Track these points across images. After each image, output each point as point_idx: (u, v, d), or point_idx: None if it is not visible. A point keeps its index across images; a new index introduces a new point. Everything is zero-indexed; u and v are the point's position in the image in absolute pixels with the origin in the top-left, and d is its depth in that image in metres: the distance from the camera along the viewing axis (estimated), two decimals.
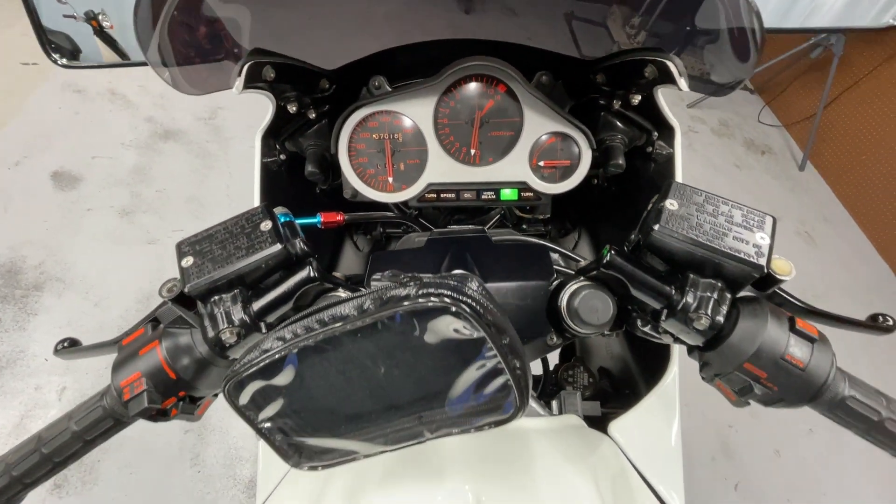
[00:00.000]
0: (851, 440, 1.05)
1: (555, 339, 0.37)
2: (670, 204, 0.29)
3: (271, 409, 0.24)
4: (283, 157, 0.47)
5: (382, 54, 0.42)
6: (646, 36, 0.44)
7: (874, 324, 0.31)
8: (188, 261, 0.29)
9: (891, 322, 0.32)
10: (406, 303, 0.21)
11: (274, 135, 0.45)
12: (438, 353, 0.22)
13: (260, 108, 0.49)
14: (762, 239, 0.28)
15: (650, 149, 0.45)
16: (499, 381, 0.23)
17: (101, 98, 1.47)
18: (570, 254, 0.43)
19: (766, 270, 0.27)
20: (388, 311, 0.21)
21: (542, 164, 0.43)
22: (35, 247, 1.13)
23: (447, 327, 0.21)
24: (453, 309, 0.21)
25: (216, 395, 0.32)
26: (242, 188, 1.41)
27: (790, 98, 2.54)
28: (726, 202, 0.29)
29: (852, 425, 0.28)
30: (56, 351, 0.35)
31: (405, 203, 0.48)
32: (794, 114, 2.51)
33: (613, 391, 0.50)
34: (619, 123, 0.45)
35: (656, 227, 0.28)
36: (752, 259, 0.27)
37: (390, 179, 0.44)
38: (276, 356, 0.23)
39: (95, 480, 0.90)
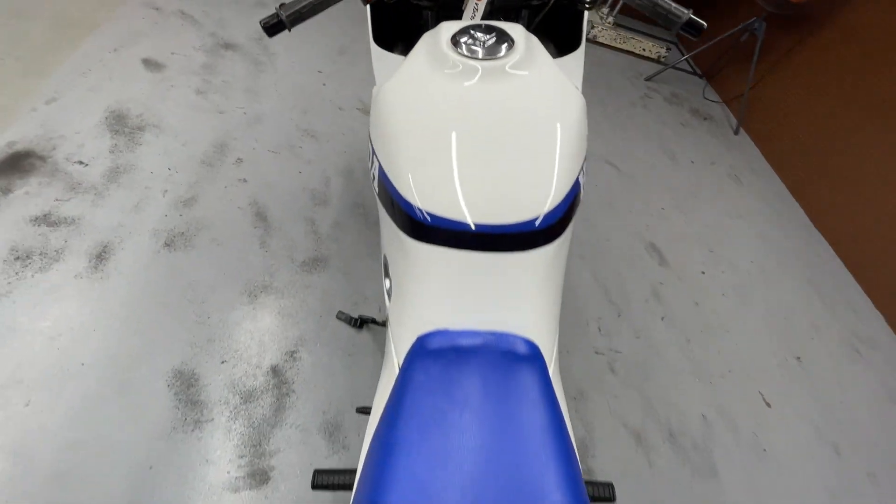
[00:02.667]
0: (753, 306, 1.58)
1: None
2: None
3: None
4: None
5: None
6: None
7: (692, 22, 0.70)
8: None
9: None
10: None
11: None
12: None
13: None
14: None
15: None
16: None
17: (173, 15, 1.84)
18: None
19: None
20: None
21: None
22: (135, 103, 1.48)
23: None
24: None
25: None
26: (287, 86, 1.79)
27: (727, 77, 3.06)
28: None
29: (641, 5, 0.67)
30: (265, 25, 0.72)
31: None
32: (730, 91, 3.03)
33: None
34: None
35: None
36: None
37: None
38: None
39: (193, 246, 1.24)
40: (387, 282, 0.60)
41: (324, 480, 0.56)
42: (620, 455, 1.26)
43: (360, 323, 1.22)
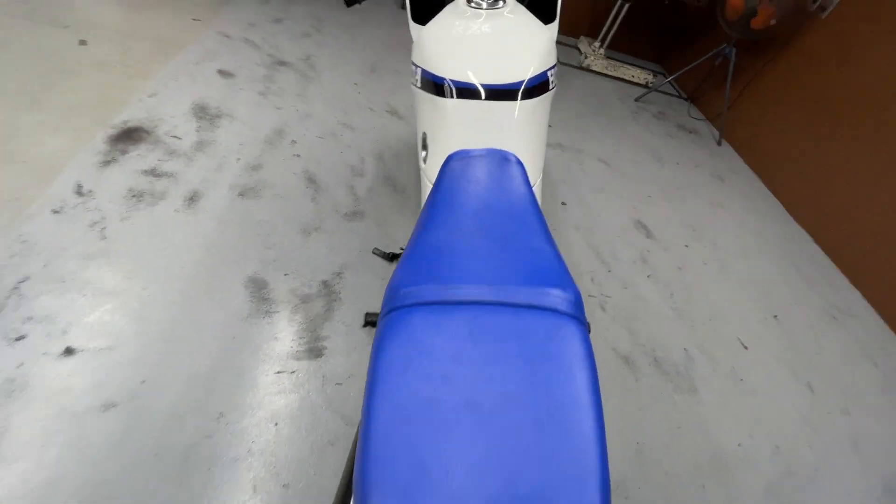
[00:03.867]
0: (733, 274, 1.95)
1: None
2: None
3: None
4: None
5: None
6: None
7: None
8: None
9: None
10: None
11: None
12: None
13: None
14: None
15: None
16: None
17: (240, 41, 2.28)
18: None
19: None
20: None
21: None
22: (213, 100, 1.87)
23: None
24: None
25: None
26: (329, 93, 2.18)
27: (708, 98, 3.43)
28: None
29: None
30: (348, 4, 1.07)
31: None
32: (712, 109, 3.39)
33: None
34: None
35: None
36: None
37: None
38: None
39: (261, 197, 1.56)
40: (423, 153, 0.90)
41: (372, 318, 0.83)
42: (611, 371, 1.48)
43: (392, 257, 1.51)
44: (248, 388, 1.10)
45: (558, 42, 3.91)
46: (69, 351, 1.04)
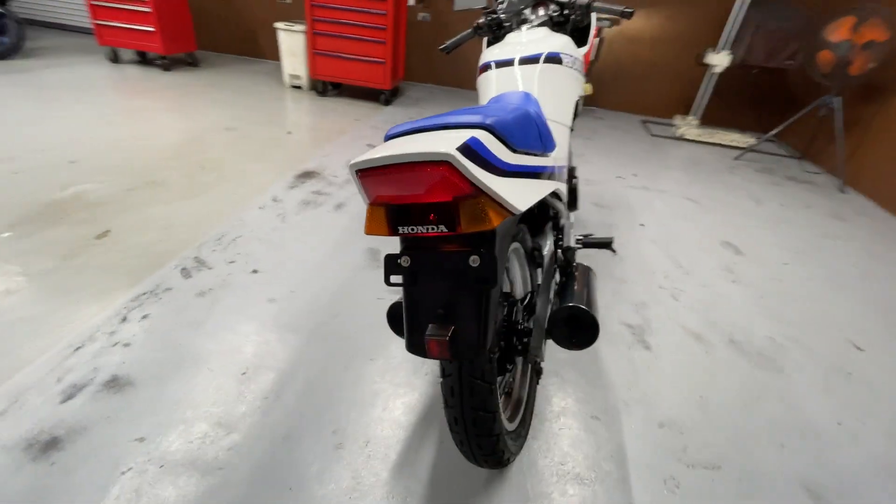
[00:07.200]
0: (846, 291, 2.10)
1: None
2: None
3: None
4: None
5: None
6: None
7: (623, 12, 1.46)
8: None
9: (631, 10, 1.47)
10: None
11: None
12: None
13: None
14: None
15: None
16: None
17: (384, 130, 3.18)
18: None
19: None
20: None
21: None
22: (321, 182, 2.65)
23: None
24: None
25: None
26: None
27: (824, 152, 3.32)
28: None
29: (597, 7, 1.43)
30: (442, 49, 1.67)
31: None
32: (831, 161, 3.25)
33: None
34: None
35: None
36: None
37: None
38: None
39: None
40: None
41: None
42: (675, 341, 1.51)
43: None
44: (357, 303, 1.51)
45: (655, 122, 4.26)
46: (255, 271, 1.61)
